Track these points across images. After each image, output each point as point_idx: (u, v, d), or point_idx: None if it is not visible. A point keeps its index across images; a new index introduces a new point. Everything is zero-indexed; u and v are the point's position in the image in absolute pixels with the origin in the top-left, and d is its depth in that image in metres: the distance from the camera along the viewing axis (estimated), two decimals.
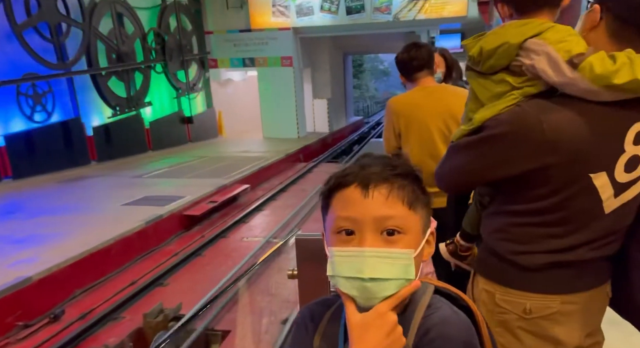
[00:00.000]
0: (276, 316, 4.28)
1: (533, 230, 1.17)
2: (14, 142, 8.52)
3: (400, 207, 0.75)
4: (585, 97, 1.05)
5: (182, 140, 13.67)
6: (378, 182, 0.75)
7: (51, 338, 4.01)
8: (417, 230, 0.76)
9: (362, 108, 31.81)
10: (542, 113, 1.08)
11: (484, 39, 1.19)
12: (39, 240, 5.39)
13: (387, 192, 0.75)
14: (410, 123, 2.43)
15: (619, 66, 1.00)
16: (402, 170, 0.77)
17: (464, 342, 0.74)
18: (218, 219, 7.47)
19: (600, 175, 1.08)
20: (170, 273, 5.37)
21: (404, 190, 0.76)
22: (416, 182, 0.79)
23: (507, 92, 1.15)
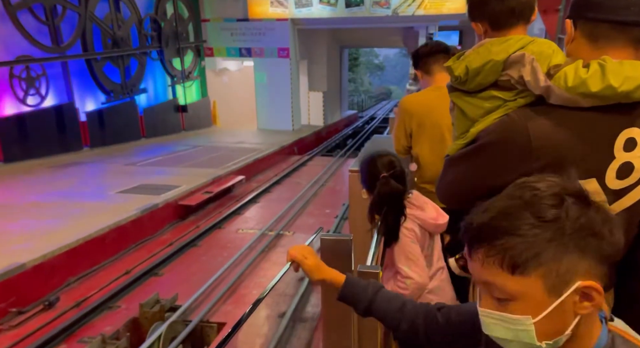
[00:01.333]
0: (273, 309, 4.30)
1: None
2: (5, 126, 8.38)
3: (500, 273, 0.64)
4: (566, 104, 1.07)
5: (176, 129, 13.57)
6: (476, 243, 0.67)
7: (46, 325, 3.98)
8: (534, 295, 0.64)
9: (356, 102, 31.75)
10: (528, 120, 1.10)
11: (467, 58, 1.21)
12: (32, 226, 5.33)
13: (483, 256, 0.66)
14: (422, 124, 2.42)
15: (591, 74, 1.03)
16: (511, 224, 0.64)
17: None
18: (213, 210, 7.45)
19: (589, 182, 1.08)
20: (165, 263, 5.35)
21: (504, 252, 0.63)
22: (540, 230, 0.63)
23: (498, 106, 1.17)
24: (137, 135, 11.86)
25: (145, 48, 12.05)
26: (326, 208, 7.60)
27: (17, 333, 3.89)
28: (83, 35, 9.89)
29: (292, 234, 6.35)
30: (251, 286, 4.79)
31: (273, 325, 4.03)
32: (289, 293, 4.58)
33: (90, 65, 10.21)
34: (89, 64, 10.19)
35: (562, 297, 0.64)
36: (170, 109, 13.35)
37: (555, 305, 0.64)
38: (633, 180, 1.08)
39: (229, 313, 4.23)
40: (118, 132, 11.08)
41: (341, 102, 21.74)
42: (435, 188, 1.37)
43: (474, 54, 1.20)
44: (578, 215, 0.64)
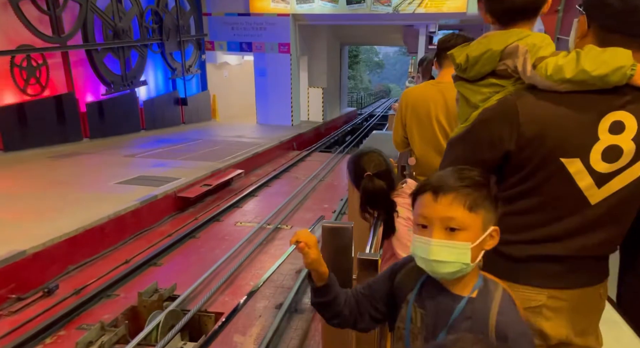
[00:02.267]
0: (270, 301, 4.36)
1: (515, 219, 1.21)
2: (5, 114, 8.39)
3: (462, 210, 0.95)
4: (546, 89, 1.15)
5: (175, 122, 13.58)
6: (446, 191, 0.96)
7: (45, 312, 4.03)
8: (476, 228, 0.96)
9: (355, 99, 31.76)
10: (519, 98, 1.18)
11: (469, 47, 1.29)
12: (32, 214, 5.37)
13: (452, 199, 0.96)
14: (416, 114, 2.50)
15: (567, 60, 1.11)
16: (468, 181, 0.97)
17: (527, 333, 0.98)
18: (212, 203, 7.49)
19: (573, 161, 1.14)
20: (164, 254, 5.40)
21: (466, 197, 0.95)
22: (482, 189, 0.97)
23: (497, 92, 1.24)
24: (137, 127, 11.88)
25: (146, 40, 12.05)
26: (324, 203, 7.66)
27: (17, 319, 3.94)
28: (84, 26, 9.88)
29: (290, 228, 6.41)
30: (248, 278, 4.85)
31: (270, 316, 4.09)
32: (287, 285, 4.64)
33: (91, 56, 10.21)
34: (90, 54, 10.19)
35: (488, 232, 0.98)
36: (170, 102, 13.36)
37: (483, 238, 0.96)
38: (622, 164, 1.12)
39: (226, 304, 4.29)
40: (118, 123, 11.10)
41: (340, 99, 21.76)
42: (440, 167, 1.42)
43: (476, 43, 1.27)
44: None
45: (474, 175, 0.99)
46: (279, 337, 3.85)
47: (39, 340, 3.66)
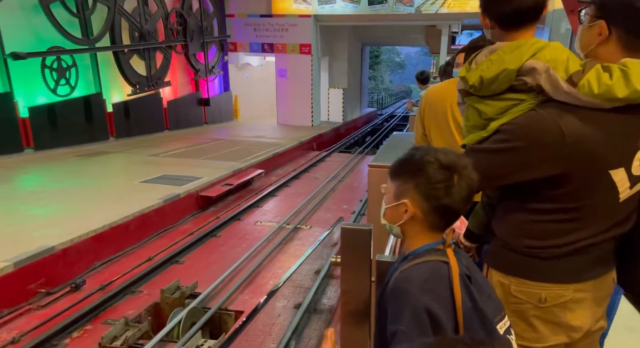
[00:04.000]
0: (290, 300, 4.40)
1: (553, 227, 1.23)
2: (37, 114, 8.68)
3: (389, 180, 1.13)
4: (588, 106, 1.13)
5: (198, 122, 13.79)
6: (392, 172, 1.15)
7: (72, 307, 4.16)
8: (391, 193, 1.11)
9: (376, 100, 31.62)
10: (558, 117, 1.14)
11: (480, 67, 1.24)
12: (60, 211, 5.55)
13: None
14: (431, 113, 2.52)
15: (615, 80, 1.08)
16: (398, 161, 1.11)
17: (402, 291, 1.02)
18: (233, 202, 7.59)
19: (618, 171, 1.17)
20: (186, 252, 5.50)
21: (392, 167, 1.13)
22: (404, 166, 1.10)
23: (514, 104, 1.20)
24: (161, 127, 12.11)
25: (171, 42, 12.27)
26: (344, 203, 7.68)
27: (46, 313, 4.09)
28: (112, 28, 10.14)
29: (309, 228, 6.45)
30: (268, 277, 4.90)
31: (289, 315, 4.13)
32: (306, 285, 4.68)
33: (118, 57, 10.46)
34: (117, 56, 10.44)
35: (398, 202, 1.08)
36: (193, 102, 13.58)
37: (393, 204, 1.09)
38: None
39: (246, 302, 4.35)
40: (142, 123, 11.34)
41: (361, 100, 21.70)
42: None
43: (487, 62, 1.22)
44: (433, 177, 1.04)
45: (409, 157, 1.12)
46: (297, 337, 3.88)
47: (67, 333, 3.79)
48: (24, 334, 3.68)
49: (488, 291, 1.08)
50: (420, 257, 1.06)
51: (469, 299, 1.00)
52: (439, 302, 0.99)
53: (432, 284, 1.02)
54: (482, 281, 1.08)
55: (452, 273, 1.01)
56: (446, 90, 2.49)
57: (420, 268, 1.05)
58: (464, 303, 0.99)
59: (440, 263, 1.03)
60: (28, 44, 8.36)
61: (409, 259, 1.09)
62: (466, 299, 1.00)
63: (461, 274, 1.02)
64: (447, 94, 2.48)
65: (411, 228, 1.10)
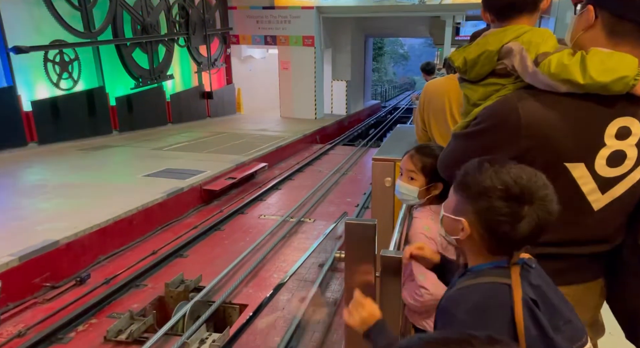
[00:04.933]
0: (293, 293, 4.40)
1: None
2: (40, 108, 8.68)
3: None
4: (551, 90, 1.11)
5: (201, 115, 13.77)
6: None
7: (78, 300, 4.18)
8: (451, 202, 1.01)
9: (379, 92, 31.46)
10: (520, 100, 1.14)
11: (467, 50, 1.27)
12: (64, 205, 5.56)
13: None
14: (430, 108, 2.50)
15: (573, 62, 1.07)
16: (464, 171, 1.00)
17: (449, 315, 0.95)
18: (236, 195, 7.59)
19: (577, 166, 1.11)
20: (190, 246, 5.51)
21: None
22: (467, 181, 0.98)
23: (497, 90, 1.22)
24: (164, 121, 12.10)
25: (173, 34, 12.22)
26: (347, 196, 7.66)
27: (51, 306, 4.11)
28: (114, 21, 10.09)
29: (313, 221, 6.44)
30: (272, 270, 4.90)
31: (293, 309, 4.13)
32: (310, 278, 4.68)
33: (120, 51, 10.43)
34: (119, 49, 10.41)
35: (456, 218, 0.97)
36: (196, 96, 13.55)
37: (452, 217, 0.99)
38: (625, 169, 1.11)
39: (250, 296, 4.35)
40: (145, 117, 11.33)
41: (364, 92, 21.61)
42: (440, 156, 1.44)
43: (475, 45, 1.25)
44: (493, 195, 0.90)
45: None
46: (302, 330, 3.89)
47: (72, 327, 3.81)
48: (30, 327, 3.71)
49: (567, 315, 0.94)
50: (479, 277, 0.96)
51: (535, 327, 0.89)
52: (493, 330, 0.87)
53: (486, 310, 0.92)
54: (559, 304, 0.95)
55: (513, 298, 0.89)
56: (446, 85, 2.46)
57: (474, 291, 0.95)
58: (527, 332, 0.88)
59: (500, 285, 0.92)
60: (30, 38, 8.33)
61: (467, 276, 1.00)
62: (530, 327, 0.88)
63: (525, 299, 0.89)
64: (446, 89, 2.45)
65: (470, 246, 0.99)
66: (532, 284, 0.92)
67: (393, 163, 2.50)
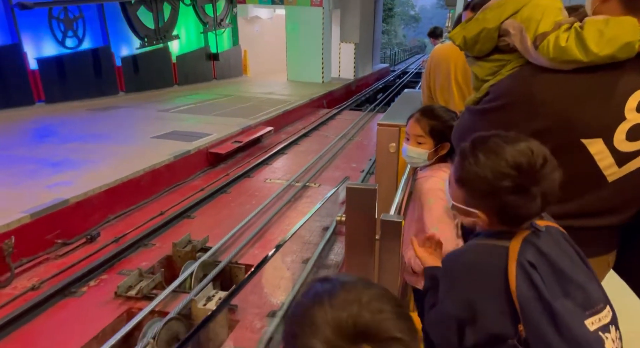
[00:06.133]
0: (298, 255, 4.51)
1: None
2: (46, 66, 8.62)
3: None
4: (554, 68, 1.08)
5: (207, 77, 13.63)
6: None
7: (89, 257, 4.32)
8: (457, 196, 1.03)
9: (388, 55, 30.76)
10: (533, 75, 1.11)
11: (466, 28, 1.22)
12: (73, 165, 5.63)
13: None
14: (436, 74, 2.47)
15: (569, 43, 1.04)
16: (460, 167, 1.02)
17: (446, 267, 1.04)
18: (242, 159, 7.64)
19: (595, 142, 1.08)
20: (196, 207, 5.61)
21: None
22: (472, 180, 0.99)
23: (503, 65, 1.19)
24: (170, 82, 12.01)
25: None
26: (352, 162, 7.68)
27: (64, 262, 4.25)
28: None
29: (318, 186, 6.50)
30: (277, 232, 5.00)
31: (297, 270, 4.26)
32: (314, 241, 4.78)
33: (125, 9, 10.22)
34: (124, 7, 10.20)
35: (469, 209, 1.00)
36: (202, 57, 13.36)
37: (463, 207, 1.01)
38: None
39: (256, 256, 4.47)
40: (152, 78, 11.24)
41: (373, 55, 21.15)
42: (453, 129, 1.44)
43: (474, 21, 1.21)
44: (501, 192, 0.92)
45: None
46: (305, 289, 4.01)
47: (84, 282, 3.96)
48: (43, 281, 3.85)
49: (581, 282, 0.94)
50: (484, 239, 1.02)
51: (529, 288, 0.91)
52: (487, 291, 0.95)
53: (479, 268, 0.97)
54: (571, 271, 0.94)
55: (508, 259, 0.94)
56: (451, 51, 2.42)
57: (473, 250, 1.02)
58: (521, 293, 0.91)
59: (498, 248, 0.97)
60: None
61: (477, 238, 1.05)
62: (524, 287, 0.91)
63: (520, 260, 0.92)
64: (452, 54, 2.41)
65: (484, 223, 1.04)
66: (539, 249, 0.94)
67: (398, 128, 2.49)
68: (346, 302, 0.60)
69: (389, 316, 0.60)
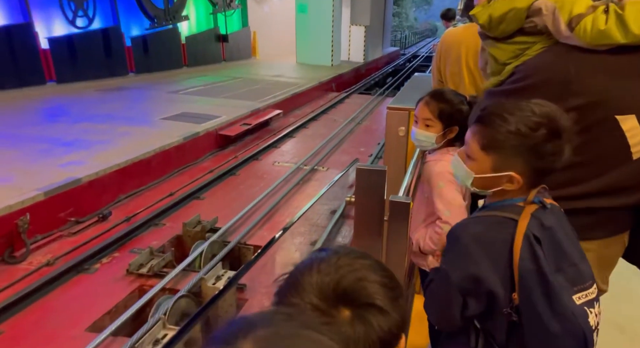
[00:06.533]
0: (306, 237, 4.58)
1: (555, 176, 1.18)
2: (57, 46, 8.65)
3: (476, 145, 1.07)
4: (588, 48, 1.08)
5: (216, 59, 13.59)
6: (476, 122, 1.10)
7: (101, 235, 4.41)
8: (483, 166, 1.05)
9: (399, 38, 30.35)
10: (567, 55, 1.11)
11: (492, 6, 1.19)
12: (85, 145, 5.70)
13: (476, 131, 1.10)
14: (447, 58, 2.44)
15: (609, 25, 1.03)
16: (492, 130, 1.04)
17: (454, 237, 1.05)
18: (251, 142, 7.67)
19: (628, 118, 1.09)
20: (206, 189, 5.68)
21: (483, 136, 1.07)
22: (507, 138, 1.01)
23: (525, 49, 1.17)
24: (179, 64, 12.00)
25: None
26: (361, 146, 7.69)
27: (76, 240, 4.34)
28: None
29: (326, 170, 6.53)
30: (285, 214, 5.06)
31: (305, 251, 4.32)
32: (321, 224, 4.84)
33: None
34: None
35: (500, 174, 1.02)
36: (211, 39, 13.30)
37: (491, 175, 1.03)
38: None
39: (264, 238, 4.53)
40: (161, 59, 11.24)
41: (383, 38, 20.89)
42: (472, 113, 1.42)
43: (501, 1, 1.19)
44: (538, 142, 0.95)
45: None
46: None
47: (97, 259, 4.05)
48: (57, 258, 3.96)
49: (574, 259, 1.00)
50: (493, 211, 1.04)
51: (532, 261, 0.95)
52: (491, 260, 0.98)
53: (487, 239, 1.00)
54: (568, 248, 1.00)
55: (516, 231, 0.97)
56: (463, 35, 2.40)
57: (482, 221, 1.03)
58: (522, 263, 0.95)
59: (507, 220, 1.00)
60: None
61: (484, 210, 1.07)
62: (527, 260, 0.95)
63: (527, 234, 0.96)
64: (463, 38, 2.39)
65: (504, 190, 1.04)
66: (543, 224, 0.98)
67: (408, 112, 2.50)
68: (332, 267, 0.63)
69: (372, 284, 0.61)
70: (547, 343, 0.95)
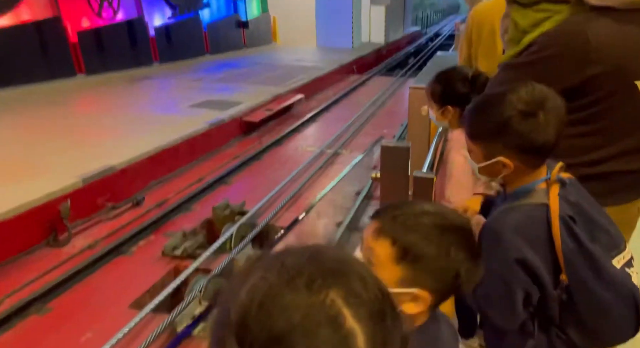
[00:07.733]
0: (331, 219, 4.68)
1: (575, 142, 1.20)
2: (86, 39, 8.89)
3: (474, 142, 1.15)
4: (619, 7, 1.08)
5: (237, 45, 13.67)
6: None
7: (136, 220, 4.63)
8: (477, 154, 1.13)
9: (420, 17, 29.63)
10: (586, 22, 1.11)
11: None
12: (117, 134, 5.92)
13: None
14: (478, 32, 2.40)
15: None
16: (472, 120, 1.12)
17: (493, 231, 1.05)
18: (274, 127, 7.78)
19: None
20: (232, 174, 5.83)
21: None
22: (483, 126, 1.09)
23: (547, 17, 1.18)
24: (202, 51, 12.13)
25: None
26: (384, 128, 7.69)
27: (114, 224, 4.57)
28: None
29: (350, 153, 6.59)
30: (311, 197, 5.16)
31: (330, 232, 4.43)
32: (346, 205, 4.93)
33: None
34: None
35: (492, 161, 1.06)
36: (232, 25, 13.36)
37: (487, 163, 1.07)
38: None
39: (291, 219, 4.66)
40: (184, 47, 11.39)
41: (404, 18, 20.50)
42: (486, 88, 1.43)
43: None
44: (521, 129, 1.00)
45: None
46: None
47: (134, 242, 4.27)
48: (98, 241, 4.19)
49: (605, 226, 1.03)
50: (519, 199, 1.07)
51: (572, 241, 0.98)
52: (534, 248, 1.00)
53: (528, 229, 1.02)
54: (597, 216, 1.03)
55: (550, 216, 1.00)
56: (494, 8, 2.37)
57: (517, 212, 1.05)
58: (564, 245, 0.98)
59: (539, 206, 1.03)
60: None
61: (509, 200, 1.10)
62: (568, 241, 0.98)
63: (562, 215, 0.99)
64: (494, 11, 2.36)
65: (512, 175, 1.08)
66: (570, 201, 1.01)
67: None
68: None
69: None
70: (603, 314, 0.99)
